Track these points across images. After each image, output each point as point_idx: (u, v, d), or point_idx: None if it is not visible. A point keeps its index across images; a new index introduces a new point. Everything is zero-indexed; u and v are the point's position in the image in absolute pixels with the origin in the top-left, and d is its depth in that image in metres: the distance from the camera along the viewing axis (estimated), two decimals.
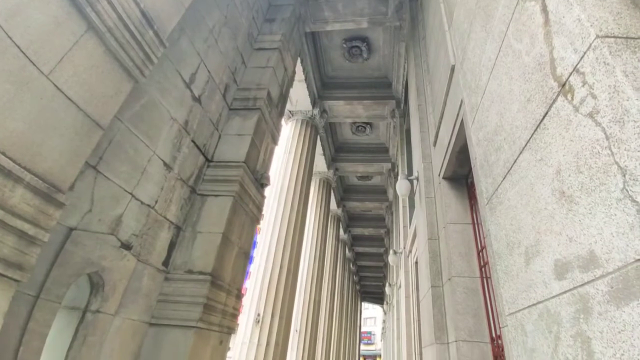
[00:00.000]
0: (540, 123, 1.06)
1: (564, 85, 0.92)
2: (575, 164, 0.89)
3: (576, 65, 0.86)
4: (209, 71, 4.28)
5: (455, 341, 2.80)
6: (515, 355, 1.32)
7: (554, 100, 0.97)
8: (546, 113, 1.02)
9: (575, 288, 0.91)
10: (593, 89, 0.80)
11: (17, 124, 1.95)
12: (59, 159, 2.12)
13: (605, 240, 0.79)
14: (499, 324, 2.44)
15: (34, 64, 2.03)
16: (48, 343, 2.47)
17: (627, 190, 0.72)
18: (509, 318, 1.39)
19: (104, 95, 2.36)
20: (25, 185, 1.93)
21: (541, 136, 1.06)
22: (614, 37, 0.75)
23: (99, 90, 2.35)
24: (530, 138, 1.14)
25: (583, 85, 0.84)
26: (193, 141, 4.08)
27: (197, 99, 4.10)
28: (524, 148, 1.19)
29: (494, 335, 2.61)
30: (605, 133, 0.77)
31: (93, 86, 2.33)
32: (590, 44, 0.78)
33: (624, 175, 0.72)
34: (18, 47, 1.95)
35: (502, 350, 2.36)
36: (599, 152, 0.80)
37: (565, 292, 0.95)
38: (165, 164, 3.59)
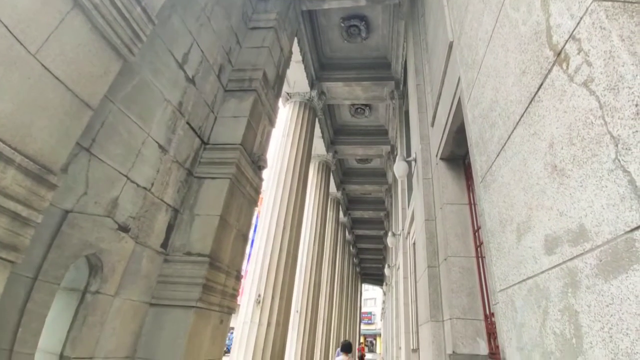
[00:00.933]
0: (534, 96, 1.03)
1: (559, 53, 0.89)
2: (568, 136, 0.86)
3: (572, 32, 0.83)
4: (202, 51, 4.18)
5: (450, 319, 2.85)
6: (505, 331, 1.34)
7: (549, 71, 0.94)
8: (541, 85, 0.99)
9: (564, 262, 0.90)
10: (588, 56, 0.77)
11: (5, 104, 1.92)
12: (49, 139, 2.09)
13: (596, 213, 0.78)
14: (493, 301, 2.47)
15: (21, 43, 1.98)
16: (48, 324, 2.51)
17: (619, 160, 0.70)
18: (500, 294, 1.39)
19: (92, 75, 2.31)
20: (16, 167, 1.91)
21: (535, 109, 1.03)
22: (611, 0, 0.71)
23: (87, 70, 2.29)
24: (524, 112, 1.11)
25: (578, 53, 0.80)
26: (188, 123, 4.02)
27: (191, 80, 4.02)
28: (518, 123, 1.16)
29: (487, 312, 2.65)
30: (599, 102, 0.74)
31: (81, 65, 2.27)
32: (587, 8, 0.74)
33: (617, 145, 0.70)
34: (6, 26, 1.89)
35: (495, 327, 2.40)
36: (592, 123, 0.77)
37: (554, 266, 0.95)
38: (160, 146, 3.56)
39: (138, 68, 3.17)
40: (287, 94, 9.19)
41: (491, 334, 2.52)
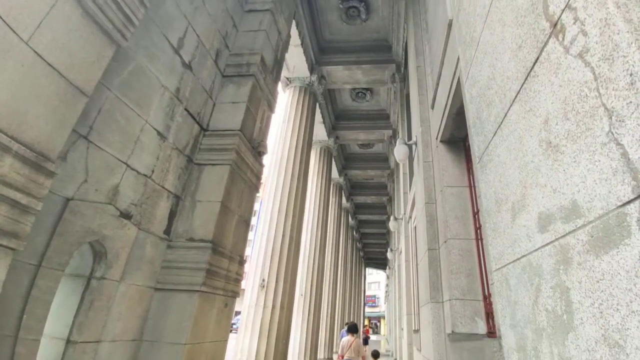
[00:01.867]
0: (530, 71, 1.00)
1: (555, 24, 0.85)
2: (563, 111, 0.84)
3: (569, 1, 0.79)
4: (197, 35, 4.10)
5: (449, 300, 2.88)
6: (500, 309, 1.35)
7: (545, 43, 0.91)
8: (537, 59, 0.96)
9: (557, 240, 0.90)
10: (584, 25, 0.74)
11: (0, 93, 1.91)
12: (45, 127, 2.08)
13: (588, 188, 0.76)
14: (491, 282, 2.49)
15: (13, 31, 1.96)
16: (54, 310, 2.57)
17: (612, 133, 0.68)
18: (495, 274, 1.39)
19: (85, 61, 2.28)
20: (13, 155, 1.92)
21: (531, 85, 1.00)
22: None
23: (80, 56, 2.27)
24: (520, 88, 1.08)
25: (574, 23, 0.77)
26: (186, 110, 4.00)
27: (188, 66, 3.96)
28: (514, 100, 1.13)
29: (486, 293, 2.68)
30: (594, 73, 0.72)
31: (73, 52, 2.24)
32: None
33: (610, 118, 0.68)
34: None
35: (493, 306, 2.42)
36: (586, 95, 0.75)
37: (547, 244, 0.94)
38: (159, 133, 3.55)
39: (133, 54, 3.12)
40: (287, 78, 9.06)
41: (489, 314, 2.55)
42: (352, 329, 6.53)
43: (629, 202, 0.65)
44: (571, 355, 0.85)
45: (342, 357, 6.14)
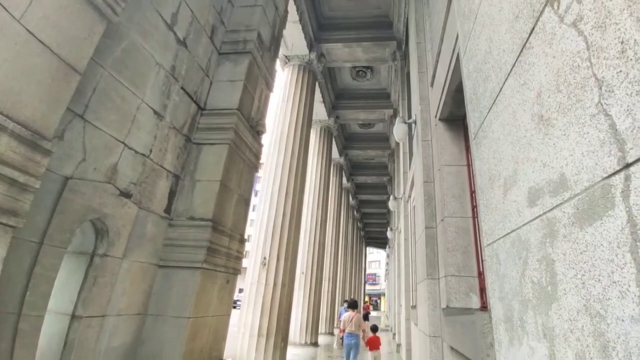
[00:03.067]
0: (526, 42, 0.98)
1: None
2: (555, 83, 0.83)
3: None
4: (191, 10, 3.99)
5: (445, 276, 2.94)
6: (490, 283, 1.38)
7: (541, 12, 0.88)
8: (532, 29, 0.93)
9: (544, 213, 0.91)
10: None
11: None
12: (40, 105, 2.07)
13: (576, 161, 0.76)
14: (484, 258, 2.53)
15: (6, 10, 1.93)
16: (58, 286, 2.64)
17: (601, 104, 0.67)
18: (486, 249, 1.42)
19: (76, 38, 2.23)
20: (9, 134, 1.92)
21: (526, 57, 0.98)
22: None
23: (71, 33, 2.22)
24: (515, 61, 1.06)
25: None
26: (183, 88, 3.94)
27: (182, 42, 3.88)
28: (509, 74, 1.11)
29: (481, 269, 2.73)
30: (586, 42, 0.70)
31: (64, 28, 2.20)
32: None
33: (600, 88, 0.67)
34: None
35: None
36: (578, 66, 0.74)
37: (535, 218, 0.95)
38: (155, 112, 3.52)
39: (126, 30, 3.05)
40: (285, 56, 8.87)
41: (483, 289, 2.61)
42: (353, 305, 6.92)
43: (614, 174, 0.65)
44: (554, 324, 0.87)
45: (344, 331, 6.48)
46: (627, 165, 0.62)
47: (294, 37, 8.27)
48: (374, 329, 6.92)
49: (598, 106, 0.68)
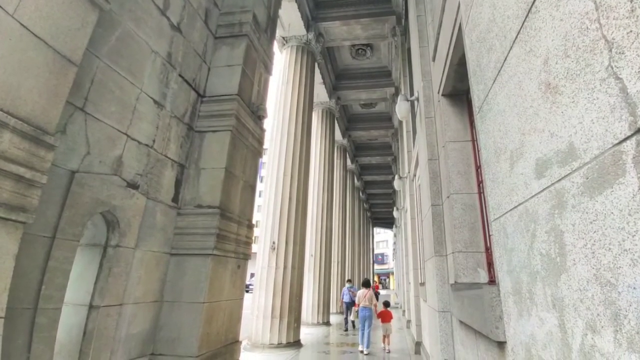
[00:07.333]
0: (532, 6, 0.93)
1: None
2: (563, 48, 0.79)
3: None
4: None
5: (452, 253, 2.95)
6: (497, 257, 1.37)
7: None
8: None
9: (552, 184, 0.89)
10: None
11: None
12: (39, 100, 2.06)
13: (585, 129, 0.74)
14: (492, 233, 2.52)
15: (0, 6, 1.88)
16: (74, 279, 2.71)
17: (611, 67, 0.64)
18: (494, 224, 1.41)
19: (70, 29, 2.19)
20: (11, 130, 1.92)
21: (532, 22, 0.94)
22: None
23: (64, 24, 2.18)
24: (521, 28, 1.01)
25: None
26: (181, 75, 3.90)
27: (177, 28, 3.80)
28: (514, 41, 1.07)
29: (488, 244, 2.73)
30: (595, 2, 0.67)
31: (57, 20, 2.16)
32: None
33: (610, 51, 0.64)
34: None
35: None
36: (587, 28, 0.70)
37: (543, 190, 0.93)
38: (155, 101, 3.49)
39: (118, 18, 2.99)
40: (283, 38, 8.67)
41: (490, 264, 2.62)
42: (366, 283, 7.89)
43: (625, 140, 0.63)
44: (563, 295, 0.87)
45: (358, 305, 7.50)
46: (639, 130, 0.59)
47: (290, 17, 8.06)
48: (386, 304, 7.49)
49: (608, 69, 0.65)
